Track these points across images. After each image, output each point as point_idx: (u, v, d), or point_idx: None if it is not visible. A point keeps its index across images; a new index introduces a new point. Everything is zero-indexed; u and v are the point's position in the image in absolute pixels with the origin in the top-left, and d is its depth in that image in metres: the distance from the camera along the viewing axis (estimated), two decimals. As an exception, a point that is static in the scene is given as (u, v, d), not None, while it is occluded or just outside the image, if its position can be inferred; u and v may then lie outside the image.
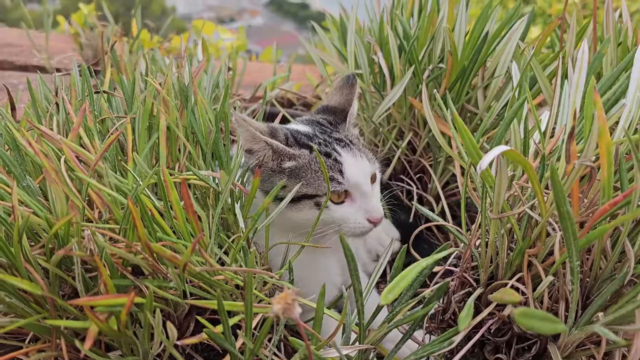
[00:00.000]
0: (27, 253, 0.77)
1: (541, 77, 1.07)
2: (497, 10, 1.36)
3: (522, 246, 0.83)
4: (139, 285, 0.79)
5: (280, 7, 51.69)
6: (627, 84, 0.89)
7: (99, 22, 2.32)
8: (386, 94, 1.40)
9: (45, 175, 0.78)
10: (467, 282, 0.97)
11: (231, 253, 0.93)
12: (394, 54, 1.40)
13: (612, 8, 1.22)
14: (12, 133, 0.94)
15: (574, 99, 0.85)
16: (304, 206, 1.05)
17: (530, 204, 0.84)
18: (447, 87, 1.33)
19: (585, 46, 0.86)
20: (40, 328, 0.80)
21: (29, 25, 2.53)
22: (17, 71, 2.42)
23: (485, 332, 0.91)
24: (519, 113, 0.92)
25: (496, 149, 0.68)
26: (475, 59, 1.29)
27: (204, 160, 1.03)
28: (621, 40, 1.23)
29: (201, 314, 0.93)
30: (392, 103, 1.39)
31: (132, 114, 0.99)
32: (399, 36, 1.38)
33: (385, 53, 1.43)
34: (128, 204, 0.73)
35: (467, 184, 0.90)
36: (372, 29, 1.58)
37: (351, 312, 0.91)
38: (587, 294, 0.86)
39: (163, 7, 21.12)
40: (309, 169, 1.05)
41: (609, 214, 0.72)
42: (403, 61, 1.40)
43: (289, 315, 0.61)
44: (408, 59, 1.37)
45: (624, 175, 0.80)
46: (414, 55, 1.34)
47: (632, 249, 0.76)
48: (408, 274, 0.71)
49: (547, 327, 0.60)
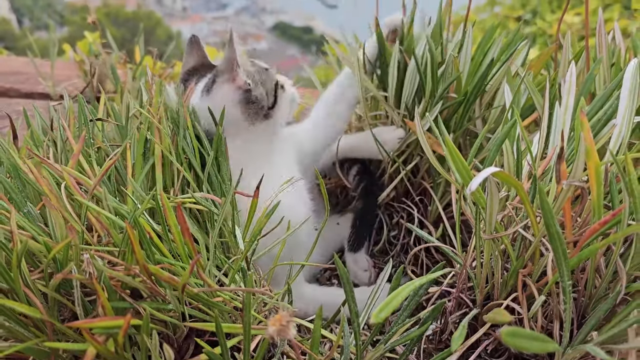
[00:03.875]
0: (26, 278, 0.79)
1: (536, 97, 1.09)
2: (500, 39, 1.38)
3: (515, 266, 0.84)
4: (138, 307, 0.80)
5: (284, 32, 52.33)
6: (617, 104, 0.91)
7: (103, 50, 2.37)
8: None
9: (45, 201, 0.80)
10: (464, 302, 0.97)
11: (230, 274, 0.94)
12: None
13: (604, 30, 1.25)
14: (13, 160, 0.96)
15: (563, 120, 0.86)
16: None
17: (523, 224, 0.85)
18: (450, 112, 1.35)
19: (574, 68, 0.87)
20: (40, 352, 0.81)
21: (35, 54, 2.58)
22: (23, 99, 2.45)
23: (483, 353, 0.92)
24: (511, 134, 0.94)
25: (486, 171, 0.69)
26: (479, 85, 1.31)
27: (197, 184, 1.05)
28: (614, 61, 1.25)
29: (200, 336, 0.93)
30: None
31: (127, 139, 1.01)
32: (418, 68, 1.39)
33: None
34: (126, 227, 0.74)
35: (460, 205, 0.91)
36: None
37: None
38: (583, 313, 0.86)
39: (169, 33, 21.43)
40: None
41: (600, 233, 0.73)
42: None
43: (284, 337, 0.62)
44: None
45: (615, 195, 0.81)
46: (424, 81, 1.36)
47: (624, 267, 0.77)
48: (400, 292, 0.72)
49: (537, 346, 0.61)
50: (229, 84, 1.19)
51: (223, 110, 1.11)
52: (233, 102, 1.18)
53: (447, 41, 1.45)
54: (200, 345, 0.86)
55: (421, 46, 1.42)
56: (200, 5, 71.41)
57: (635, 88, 0.89)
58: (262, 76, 1.23)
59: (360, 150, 1.49)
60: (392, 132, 1.43)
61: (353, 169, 1.56)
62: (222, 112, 1.11)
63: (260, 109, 1.20)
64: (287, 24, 55.06)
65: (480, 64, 1.35)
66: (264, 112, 1.20)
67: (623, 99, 0.88)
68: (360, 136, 1.52)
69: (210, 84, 1.20)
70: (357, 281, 1.39)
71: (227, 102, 1.16)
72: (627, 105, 0.88)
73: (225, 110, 1.13)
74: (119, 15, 19.92)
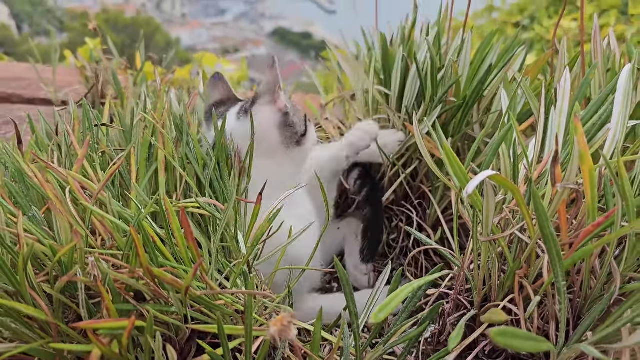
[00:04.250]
0: (32, 280, 0.80)
1: (533, 102, 1.11)
2: (498, 45, 1.40)
3: (512, 268, 0.86)
4: (141, 310, 0.82)
5: (283, 37, 52.48)
6: (612, 109, 0.92)
7: (104, 56, 2.38)
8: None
9: (50, 205, 0.81)
10: (462, 304, 0.99)
11: (232, 278, 0.95)
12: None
13: (599, 36, 1.26)
14: (18, 165, 0.98)
15: (558, 124, 0.88)
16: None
17: (520, 227, 0.86)
18: (449, 117, 1.37)
19: (568, 74, 0.89)
20: (45, 354, 0.82)
21: (37, 60, 2.60)
22: (25, 104, 2.47)
23: (481, 354, 0.93)
24: (508, 139, 0.96)
25: (482, 174, 0.71)
26: (477, 89, 1.33)
27: (199, 189, 1.07)
28: (610, 67, 1.27)
29: (202, 339, 0.95)
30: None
31: (132, 144, 1.03)
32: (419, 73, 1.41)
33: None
34: (130, 230, 0.76)
35: (458, 209, 0.92)
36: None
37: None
38: (579, 314, 0.87)
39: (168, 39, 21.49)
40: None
41: (594, 234, 0.75)
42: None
43: (286, 337, 0.64)
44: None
45: (609, 198, 0.83)
46: (424, 86, 1.38)
47: (618, 268, 0.79)
48: (399, 294, 0.73)
49: (530, 346, 0.62)
50: (270, 106, 1.23)
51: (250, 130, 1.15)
52: (273, 124, 1.22)
53: (446, 46, 1.47)
54: (202, 348, 0.88)
55: (423, 52, 1.45)
56: (199, 12, 71.61)
57: (629, 93, 0.91)
58: (293, 105, 1.29)
59: (361, 154, 1.51)
60: (393, 135, 1.45)
61: (353, 172, 1.58)
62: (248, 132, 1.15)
63: (294, 134, 1.23)
64: (286, 30, 55.24)
65: (478, 69, 1.37)
66: (297, 138, 1.24)
67: (617, 103, 0.90)
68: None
69: (249, 106, 1.23)
70: (357, 285, 1.40)
71: (267, 123, 1.21)
72: (621, 110, 0.90)
73: (265, 131, 1.18)
74: (118, 21, 19.98)
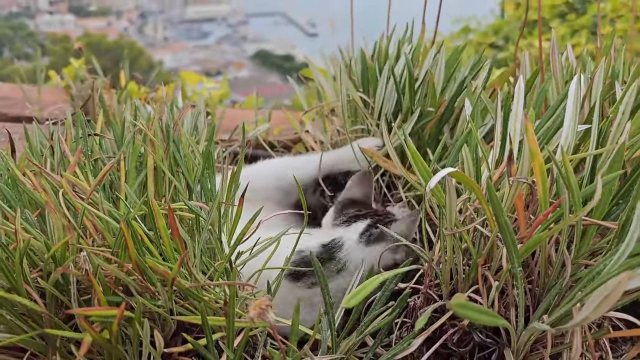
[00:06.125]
0: (26, 276, 0.86)
1: (490, 106, 1.20)
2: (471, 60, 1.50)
3: (475, 260, 0.93)
4: (130, 302, 0.87)
5: (265, 60, 52.82)
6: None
7: (89, 75, 2.44)
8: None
9: (45, 206, 0.87)
10: (432, 298, 1.05)
11: (215, 276, 1.01)
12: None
13: (557, 51, 1.36)
14: (12, 172, 1.03)
15: (514, 127, 0.96)
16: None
17: (481, 220, 0.94)
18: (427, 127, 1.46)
19: (522, 82, 0.98)
20: (37, 345, 0.87)
21: (23, 80, 2.65)
22: (10, 122, 2.51)
23: (450, 343, 0.99)
24: (471, 143, 1.04)
25: (443, 171, 0.79)
26: (454, 101, 1.42)
27: (189, 193, 1.13)
28: (567, 78, 1.36)
29: (189, 333, 1.00)
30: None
31: (122, 149, 1.09)
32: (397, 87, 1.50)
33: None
34: (121, 225, 0.82)
35: (425, 206, 1.00)
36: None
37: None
38: (538, 301, 0.95)
39: (150, 62, 21.53)
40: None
41: (546, 225, 0.82)
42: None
43: (263, 320, 0.70)
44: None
45: (561, 192, 0.91)
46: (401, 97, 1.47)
47: (569, 256, 0.86)
48: (371, 282, 0.80)
49: (488, 319, 0.69)
50: (387, 253, 1.17)
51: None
52: (376, 263, 1.15)
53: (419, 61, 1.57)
54: (187, 342, 0.93)
55: (400, 65, 1.54)
56: (181, 35, 71.95)
57: (579, 99, 0.99)
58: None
59: (342, 164, 1.58)
60: (371, 141, 1.53)
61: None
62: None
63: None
64: (268, 52, 55.68)
65: (448, 82, 1.46)
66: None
67: (569, 108, 0.99)
68: (340, 151, 1.61)
69: (375, 238, 1.18)
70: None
71: (376, 261, 1.15)
72: (571, 115, 0.98)
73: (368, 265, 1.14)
74: (101, 44, 20.04)
